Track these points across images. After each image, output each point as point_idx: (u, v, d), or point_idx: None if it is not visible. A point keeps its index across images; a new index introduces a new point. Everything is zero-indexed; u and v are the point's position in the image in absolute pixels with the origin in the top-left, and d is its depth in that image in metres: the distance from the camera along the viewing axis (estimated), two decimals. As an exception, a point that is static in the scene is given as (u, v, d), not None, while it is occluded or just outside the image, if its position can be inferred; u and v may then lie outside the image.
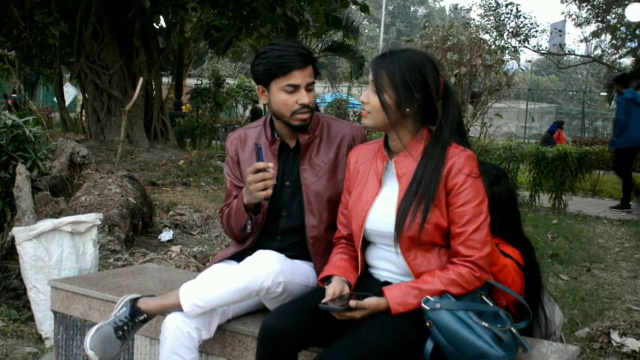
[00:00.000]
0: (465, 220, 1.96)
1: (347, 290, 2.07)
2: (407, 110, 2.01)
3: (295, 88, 2.31)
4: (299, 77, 2.31)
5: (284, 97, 2.32)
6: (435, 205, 1.97)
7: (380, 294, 1.98)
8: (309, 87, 2.35)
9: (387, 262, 2.11)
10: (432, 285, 1.95)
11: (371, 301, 1.96)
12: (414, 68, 2.01)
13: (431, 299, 1.93)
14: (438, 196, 1.98)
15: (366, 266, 2.19)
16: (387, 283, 2.08)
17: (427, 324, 1.92)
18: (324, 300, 1.99)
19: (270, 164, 2.21)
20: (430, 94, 2.01)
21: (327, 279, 2.13)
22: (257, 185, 2.20)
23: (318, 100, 25.64)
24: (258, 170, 2.19)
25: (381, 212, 2.07)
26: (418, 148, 2.06)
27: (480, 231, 1.97)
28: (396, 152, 2.11)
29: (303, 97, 2.31)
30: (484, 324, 1.90)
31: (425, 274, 1.99)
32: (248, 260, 2.22)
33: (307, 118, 2.35)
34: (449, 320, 1.90)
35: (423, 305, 1.93)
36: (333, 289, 2.04)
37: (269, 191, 2.21)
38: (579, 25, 28.51)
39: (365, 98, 2.07)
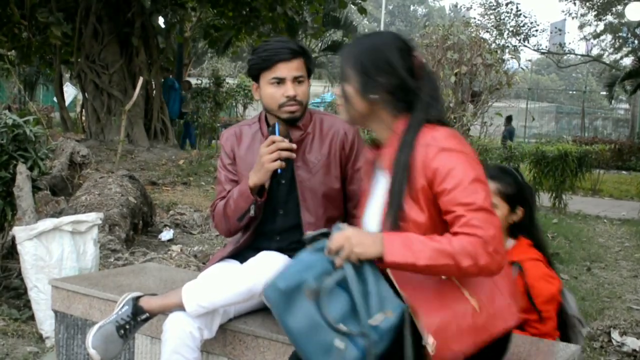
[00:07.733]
0: (459, 203, 1.67)
1: None
2: (371, 96, 1.82)
3: (281, 81, 2.32)
4: (284, 69, 2.32)
5: (271, 90, 2.34)
6: (411, 199, 1.74)
7: None
8: (298, 80, 2.35)
9: None
10: (441, 244, 1.64)
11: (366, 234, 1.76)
12: (375, 51, 1.83)
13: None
14: (411, 188, 1.73)
15: None
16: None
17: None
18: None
19: (286, 140, 2.24)
20: (398, 76, 1.81)
21: None
22: (271, 156, 2.21)
23: (318, 100, 25.61)
24: (272, 144, 2.23)
25: (370, 213, 1.92)
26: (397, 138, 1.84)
27: (480, 211, 1.65)
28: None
29: (289, 90, 2.32)
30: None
31: (435, 234, 1.70)
32: (252, 261, 2.22)
33: (295, 110, 2.35)
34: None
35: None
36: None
37: (283, 163, 2.23)
38: (582, 26, 28.49)
39: (338, 91, 1.92)
